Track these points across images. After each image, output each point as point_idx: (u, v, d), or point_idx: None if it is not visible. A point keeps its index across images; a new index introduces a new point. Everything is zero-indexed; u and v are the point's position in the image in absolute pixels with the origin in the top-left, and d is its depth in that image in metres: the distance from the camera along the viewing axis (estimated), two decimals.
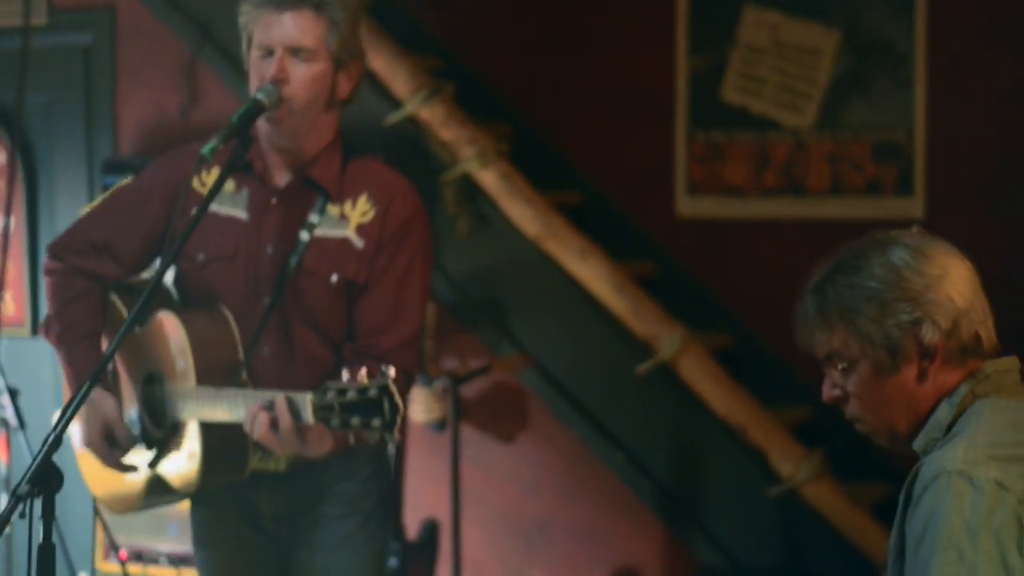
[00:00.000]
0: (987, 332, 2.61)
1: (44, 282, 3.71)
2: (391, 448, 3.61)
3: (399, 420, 3.05)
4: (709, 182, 5.81)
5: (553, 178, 5.68)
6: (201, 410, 3.42)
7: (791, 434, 4.99)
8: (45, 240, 6.19)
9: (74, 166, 6.19)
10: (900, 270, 2.57)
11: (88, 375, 3.51)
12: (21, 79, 5.14)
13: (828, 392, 2.69)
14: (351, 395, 3.07)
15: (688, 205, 5.82)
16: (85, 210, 5.67)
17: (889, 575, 2.61)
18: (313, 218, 3.54)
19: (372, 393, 3.05)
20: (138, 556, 5.51)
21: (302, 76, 3.47)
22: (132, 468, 3.62)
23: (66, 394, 3.84)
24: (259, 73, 3.49)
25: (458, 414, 5.32)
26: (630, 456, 5.12)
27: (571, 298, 5.11)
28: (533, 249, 5.11)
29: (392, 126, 5.17)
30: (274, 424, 3.22)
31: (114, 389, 3.64)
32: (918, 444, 2.62)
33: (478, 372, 5.21)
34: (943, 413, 2.59)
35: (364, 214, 3.54)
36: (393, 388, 3.04)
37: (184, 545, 5.45)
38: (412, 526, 5.31)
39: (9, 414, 5.49)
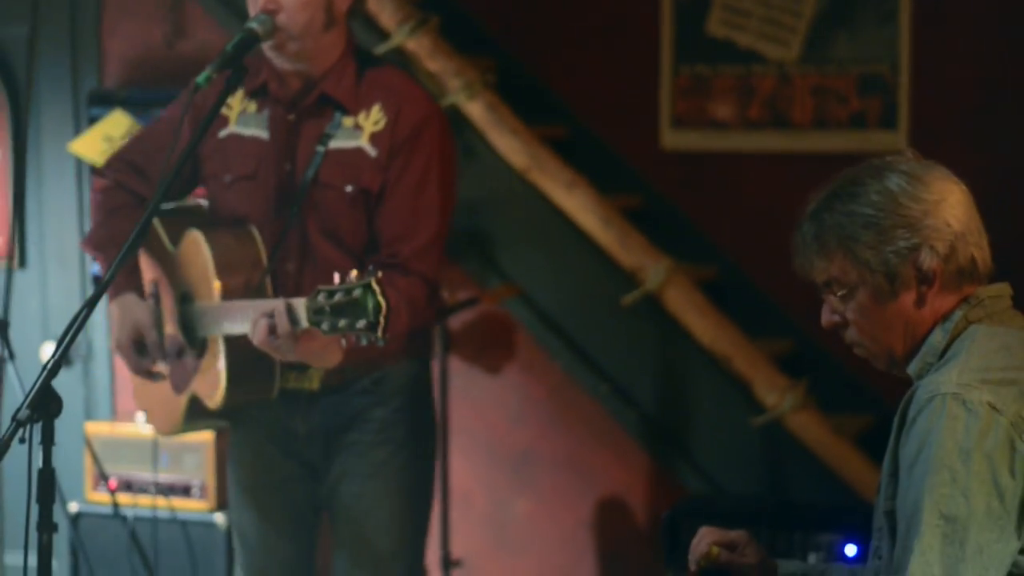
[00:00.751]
0: (982, 254, 2.65)
1: (91, 200, 3.82)
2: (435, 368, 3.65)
3: (383, 320, 3.01)
4: (694, 115, 5.83)
5: (538, 111, 5.69)
6: (222, 324, 3.44)
7: (775, 365, 5.03)
8: (32, 174, 6.20)
9: (60, 98, 6.17)
10: (897, 196, 2.61)
11: (125, 280, 3.61)
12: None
13: (827, 318, 2.72)
14: (338, 297, 3.07)
15: (673, 138, 5.84)
16: (72, 144, 5.71)
17: (881, 496, 2.66)
18: (329, 131, 3.56)
19: (356, 293, 3.04)
20: (128, 486, 5.54)
21: (294, 2, 3.49)
22: (159, 375, 3.69)
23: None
24: (255, 4, 3.53)
25: (445, 345, 5.34)
26: (615, 387, 5.16)
27: (558, 230, 5.13)
28: (520, 181, 5.13)
29: (381, 56, 5.18)
30: (272, 330, 3.23)
31: (156, 307, 3.70)
32: (913, 368, 2.67)
33: (465, 304, 5.23)
34: (937, 338, 2.64)
35: (376, 122, 3.57)
36: (376, 287, 3.02)
37: (174, 475, 5.49)
38: None
39: None
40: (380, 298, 3.01)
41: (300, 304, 3.18)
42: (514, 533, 5.73)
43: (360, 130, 3.57)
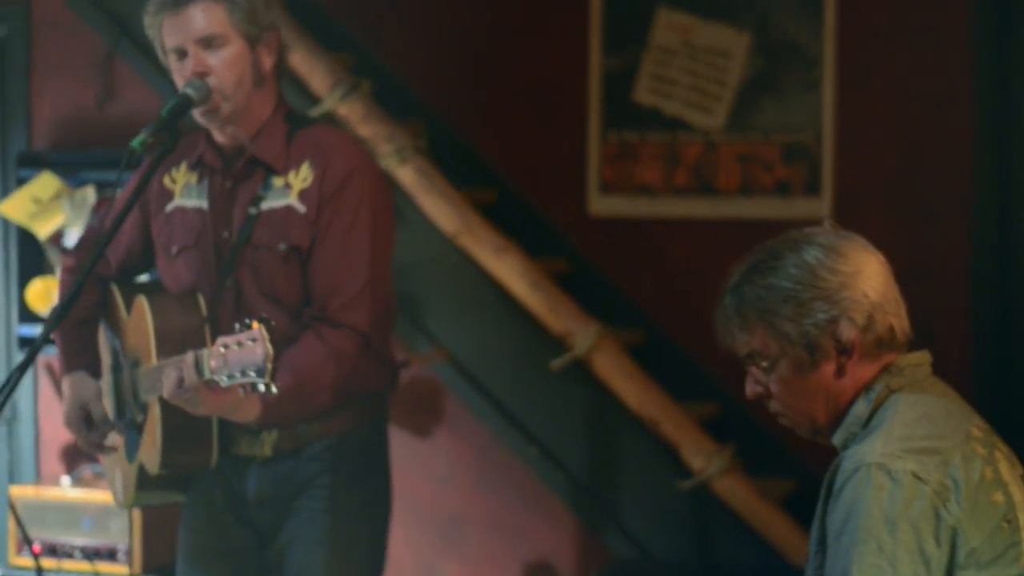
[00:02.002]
0: (900, 323, 2.71)
1: (59, 280, 3.98)
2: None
3: (269, 367, 2.96)
4: (621, 181, 5.88)
5: (468, 176, 5.73)
6: (155, 386, 3.42)
7: (702, 429, 5.07)
8: None
9: None
10: (815, 269, 2.65)
11: (76, 358, 3.65)
12: None
13: (751, 389, 2.76)
14: (233, 347, 3.04)
15: (601, 204, 5.89)
16: (2, 205, 5.69)
17: (810, 566, 2.70)
18: (261, 192, 3.57)
19: (250, 341, 3.01)
20: (52, 550, 5.50)
21: (221, 63, 3.52)
22: (109, 449, 3.73)
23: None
24: (181, 75, 3.55)
25: None
26: (544, 450, 5.18)
27: (487, 294, 5.16)
28: (449, 245, 5.16)
29: (312, 118, 5.20)
30: (180, 383, 3.19)
31: (114, 376, 3.74)
32: (838, 438, 2.71)
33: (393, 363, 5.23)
34: (860, 408, 2.68)
35: (304, 179, 3.57)
36: (262, 334, 2.98)
37: (98, 539, 5.46)
38: None
39: None
40: (267, 345, 2.98)
41: (204, 355, 3.14)
42: None
43: (290, 188, 3.57)
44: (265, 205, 3.57)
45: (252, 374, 2.99)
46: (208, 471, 3.62)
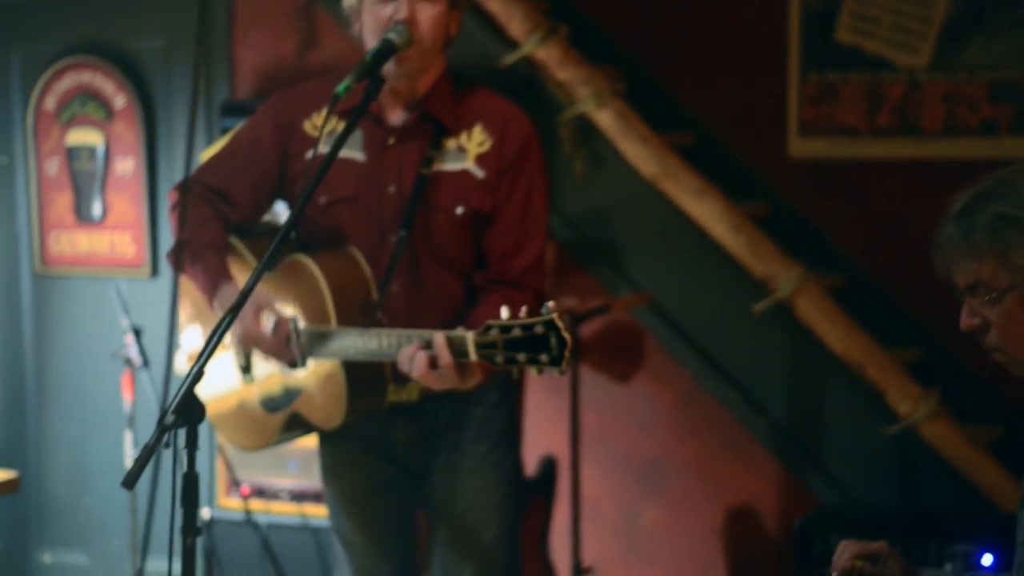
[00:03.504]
0: None
1: (170, 219, 3.81)
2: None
3: (567, 354, 3.10)
4: (822, 123, 5.79)
5: (665, 120, 5.69)
6: (346, 350, 3.48)
7: (907, 374, 4.99)
8: (164, 184, 6.29)
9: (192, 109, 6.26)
10: None
11: (229, 273, 3.60)
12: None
13: (966, 321, 2.62)
14: (516, 332, 3.14)
15: (801, 146, 5.82)
16: (205, 154, 5.78)
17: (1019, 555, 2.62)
18: (431, 153, 3.59)
19: (538, 329, 3.12)
20: (259, 492, 5.61)
21: (429, 16, 3.54)
22: (300, 364, 3.60)
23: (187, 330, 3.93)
24: (376, 16, 3.55)
25: (576, 354, 5.35)
26: (745, 394, 5.15)
27: (687, 237, 5.13)
28: (649, 189, 5.13)
29: (508, 67, 5.21)
30: (433, 363, 3.28)
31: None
32: None
33: (595, 311, 5.23)
34: None
35: (481, 144, 3.61)
36: (559, 323, 3.10)
37: (305, 481, 5.55)
38: (531, 463, 5.37)
39: (133, 353, 5.60)
40: (565, 334, 3.10)
41: (468, 338, 3.22)
42: (643, 541, 5.73)
43: (464, 152, 3.61)
44: (438, 166, 3.59)
45: (544, 359, 3.11)
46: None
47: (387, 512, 3.90)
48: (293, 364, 3.60)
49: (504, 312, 3.18)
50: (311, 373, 3.61)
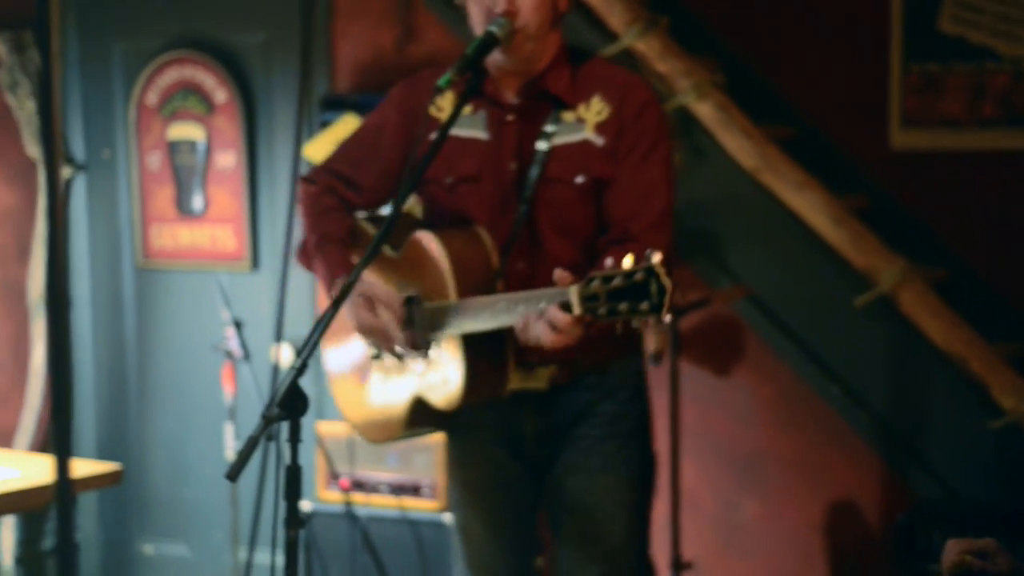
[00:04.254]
0: None
1: (298, 209, 3.82)
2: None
3: (667, 301, 2.98)
4: (924, 114, 5.73)
5: (765, 112, 5.65)
6: (464, 323, 3.45)
7: (1012, 368, 4.94)
8: (264, 177, 6.34)
9: (292, 103, 6.29)
10: None
11: (343, 266, 3.61)
12: None
13: None
14: (616, 281, 3.03)
15: (903, 137, 5.75)
16: (306, 147, 5.82)
17: None
18: (550, 127, 3.59)
19: (638, 276, 3.00)
20: (359, 485, 5.63)
21: (529, 3, 3.53)
22: (417, 353, 3.60)
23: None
24: (480, 6, 3.56)
25: (676, 347, 5.33)
26: (846, 388, 5.12)
27: (788, 230, 5.10)
28: (750, 181, 5.11)
29: (608, 59, 5.19)
30: (553, 327, 3.19)
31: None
32: None
33: (696, 305, 5.21)
34: None
35: (599, 112, 3.60)
36: (659, 269, 2.98)
37: (404, 474, 5.57)
38: None
39: (234, 346, 5.65)
40: (664, 280, 2.98)
41: (572, 291, 3.12)
42: (743, 535, 5.70)
43: (583, 123, 3.60)
44: (557, 140, 3.59)
45: (644, 308, 2.99)
46: (476, 412, 3.66)
47: (509, 506, 3.87)
48: (417, 349, 3.59)
49: (608, 262, 3.08)
50: (433, 354, 3.61)
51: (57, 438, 2.10)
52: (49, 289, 2.13)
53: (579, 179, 3.57)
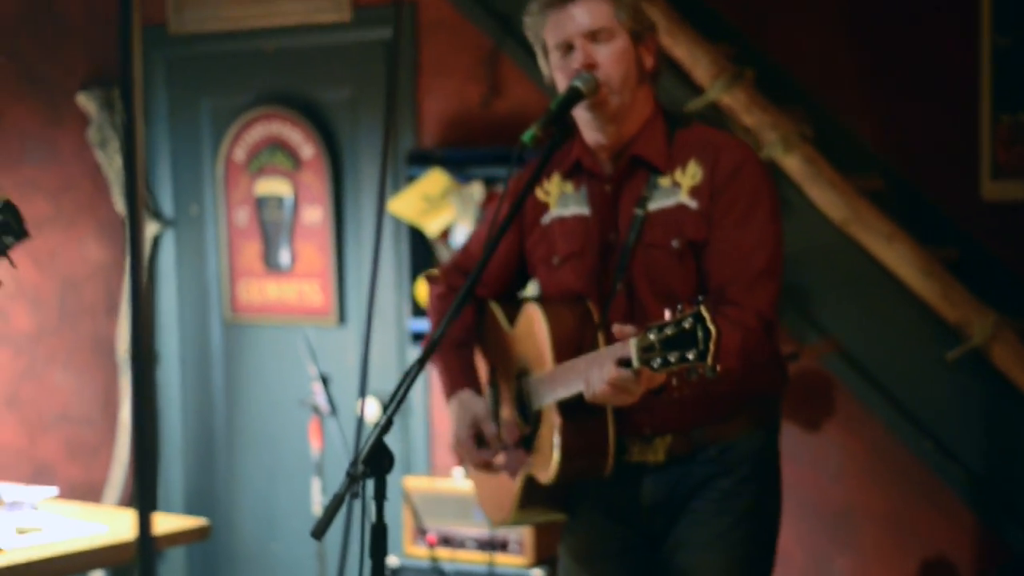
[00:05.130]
0: None
1: (428, 310, 3.96)
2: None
3: (712, 347, 2.88)
4: (1015, 164, 5.66)
5: (853, 162, 5.61)
6: (554, 391, 3.43)
7: None
8: (351, 232, 6.36)
9: (378, 158, 6.33)
10: None
11: (462, 378, 3.67)
12: None
13: None
14: (669, 331, 2.95)
15: (994, 188, 5.68)
16: (391, 203, 5.84)
17: None
18: (646, 193, 3.55)
19: (687, 323, 2.92)
20: (446, 540, 5.61)
21: (608, 56, 3.51)
22: (498, 466, 3.67)
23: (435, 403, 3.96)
24: (565, 72, 3.54)
25: None
26: (939, 443, 5.04)
27: (877, 283, 5.04)
28: (838, 234, 5.05)
29: (693, 112, 5.18)
30: (612, 384, 3.13)
31: (495, 395, 3.76)
32: None
33: (784, 359, 5.15)
34: None
35: (693, 176, 3.54)
36: (705, 314, 2.90)
37: (490, 530, 5.54)
38: None
39: (321, 401, 5.65)
40: (710, 324, 2.89)
41: (632, 343, 3.08)
42: None
43: (678, 187, 3.54)
44: (653, 205, 3.54)
45: (691, 356, 2.91)
46: (591, 483, 3.62)
47: None
48: (523, 441, 3.63)
49: (667, 314, 2.99)
50: (541, 426, 3.58)
51: (140, 495, 2.09)
52: (134, 343, 2.12)
53: (675, 243, 3.51)
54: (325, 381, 5.62)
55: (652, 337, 2.99)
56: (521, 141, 3.38)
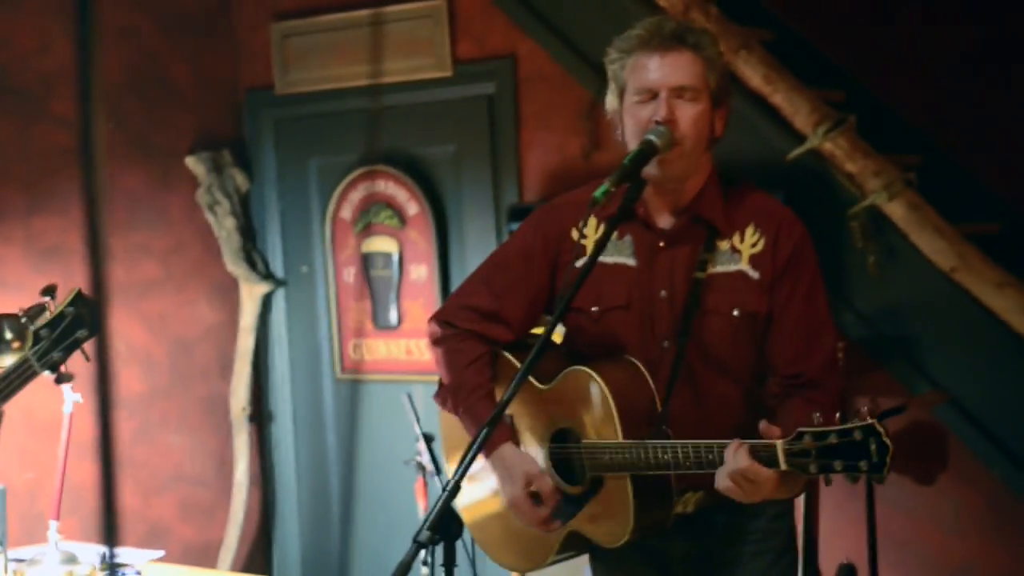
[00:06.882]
0: None
1: (433, 352, 3.73)
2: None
3: (888, 463, 2.99)
4: None
5: (968, 205, 5.46)
6: (636, 462, 3.37)
7: None
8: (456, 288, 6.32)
9: (482, 213, 6.29)
10: None
11: (498, 433, 3.57)
12: None
13: None
14: (831, 439, 3.03)
15: None
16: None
17: None
18: (704, 255, 3.48)
19: (856, 435, 3.00)
20: None
21: (689, 116, 3.44)
22: (557, 526, 3.56)
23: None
24: (636, 118, 3.46)
25: None
26: None
27: (988, 332, 4.88)
28: (946, 281, 4.91)
29: (794, 160, 5.07)
30: (748, 479, 3.17)
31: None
32: None
33: (893, 411, 5.01)
34: None
35: (754, 245, 3.49)
36: (880, 428, 2.99)
37: None
38: (829, 570, 5.16)
39: (425, 460, 5.60)
40: (887, 439, 2.99)
41: (777, 447, 3.12)
42: None
43: (738, 253, 3.49)
44: (713, 269, 3.47)
45: (863, 467, 3.01)
46: None
47: None
48: (573, 486, 3.53)
49: (816, 418, 3.07)
50: (598, 491, 3.51)
51: None
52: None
53: (736, 312, 3.45)
54: (428, 440, 5.56)
55: (807, 442, 3.07)
56: (593, 197, 3.31)
